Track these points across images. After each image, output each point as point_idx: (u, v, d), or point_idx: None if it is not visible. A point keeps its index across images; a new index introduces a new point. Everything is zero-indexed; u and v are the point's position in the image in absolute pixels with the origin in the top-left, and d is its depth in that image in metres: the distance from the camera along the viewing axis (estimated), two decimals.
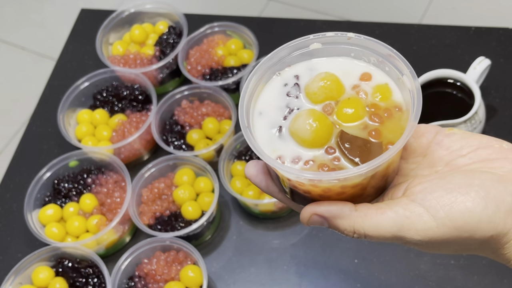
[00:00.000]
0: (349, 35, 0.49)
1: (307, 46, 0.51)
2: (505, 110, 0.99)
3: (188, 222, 0.92)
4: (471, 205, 0.42)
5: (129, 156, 1.05)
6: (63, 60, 1.25)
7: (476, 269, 0.86)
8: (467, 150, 0.46)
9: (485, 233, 0.42)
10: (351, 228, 0.44)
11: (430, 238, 0.42)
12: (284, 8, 1.95)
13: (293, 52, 0.51)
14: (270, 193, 0.50)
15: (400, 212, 0.43)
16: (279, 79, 0.51)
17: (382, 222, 0.43)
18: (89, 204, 0.96)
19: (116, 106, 1.09)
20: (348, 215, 0.44)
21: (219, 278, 0.92)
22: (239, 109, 0.47)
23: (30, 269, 0.90)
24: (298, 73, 0.51)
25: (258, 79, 0.50)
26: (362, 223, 0.43)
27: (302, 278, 0.90)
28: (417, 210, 0.42)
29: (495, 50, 1.06)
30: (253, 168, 0.49)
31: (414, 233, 0.42)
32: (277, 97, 0.50)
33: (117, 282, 0.87)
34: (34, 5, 2.18)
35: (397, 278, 0.87)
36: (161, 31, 1.17)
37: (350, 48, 0.51)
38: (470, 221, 0.42)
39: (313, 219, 0.45)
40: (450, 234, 0.42)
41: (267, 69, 0.50)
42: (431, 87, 0.93)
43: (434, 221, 0.42)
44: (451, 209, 0.42)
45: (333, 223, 0.44)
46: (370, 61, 0.51)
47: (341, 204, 0.44)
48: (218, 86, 1.05)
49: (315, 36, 0.50)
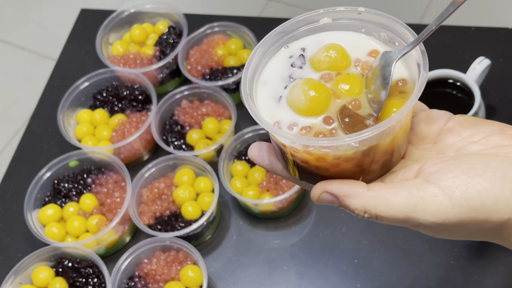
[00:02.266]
0: (359, 9, 0.49)
1: (317, 20, 0.50)
2: (505, 110, 0.99)
3: (188, 222, 0.92)
4: (488, 185, 0.40)
5: (129, 156, 1.05)
6: (63, 60, 1.25)
7: (476, 269, 0.86)
8: (479, 136, 0.45)
9: (502, 215, 0.41)
10: (362, 207, 0.42)
11: (444, 219, 0.41)
12: (284, 8, 1.95)
13: (302, 27, 0.50)
14: (274, 170, 0.49)
15: (414, 192, 0.41)
16: (286, 52, 0.50)
17: (395, 202, 0.41)
18: (89, 204, 0.96)
19: (116, 106, 1.09)
20: (360, 194, 0.42)
21: (219, 278, 0.92)
22: (242, 78, 0.47)
23: (30, 269, 0.90)
24: (304, 46, 0.50)
25: (264, 51, 0.50)
26: (374, 202, 0.42)
27: (302, 278, 0.90)
28: (432, 190, 0.41)
29: (495, 50, 1.06)
30: (255, 148, 0.49)
31: (428, 214, 0.41)
32: (282, 68, 0.50)
33: (117, 282, 0.87)
34: (34, 5, 2.18)
35: (397, 278, 0.87)
36: (161, 31, 1.17)
37: (360, 24, 0.50)
38: (487, 202, 0.40)
39: (323, 197, 0.44)
40: (466, 216, 0.41)
41: (274, 42, 0.50)
42: (431, 87, 0.93)
43: (449, 201, 0.40)
44: (468, 189, 0.40)
45: (344, 201, 0.43)
46: (381, 37, 0.50)
47: (354, 183, 0.43)
48: (218, 86, 1.05)
49: (325, 10, 0.50)
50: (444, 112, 0.48)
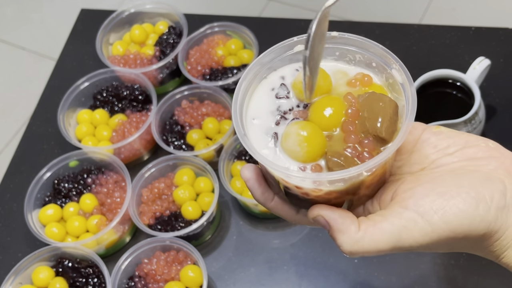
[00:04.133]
0: (332, 34, 0.49)
1: (292, 48, 0.51)
2: (505, 110, 0.99)
3: (188, 222, 0.92)
4: (463, 206, 0.42)
5: (129, 156, 1.05)
6: (63, 60, 1.25)
7: (476, 269, 0.86)
8: (453, 148, 0.47)
9: (478, 231, 0.43)
10: (349, 247, 0.44)
11: (427, 242, 0.43)
12: (284, 8, 1.95)
13: (278, 56, 0.51)
14: (263, 200, 0.49)
15: (396, 223, 0.43)
16: (267, 84, 0.50)
17: (379, 237, 0.43)
18: (89, 204, 0.96)
19: (116, 106, 1.09)
20: (350, 234, 0.44)
21: (219, 278, 0.92)
22: (233, 118, 0.46)
23: (30, 269, 0.90)
24: (283, 74, 0.51)
25: (247, 86, 0.49)
26: (363, 242, 0.44)
27: (302, 278, 0.90)
28: (412, 217, 0.43)
29: (495, 50, 1.06)
30: (249, 171, 0.49)
31: (412, 241, 0.43)
32: (267, 102, 0.49)
33: (117, 282, 0.87)
34: (34, 5, 2.18)
35: (397, 278, 0.87)
36: (161, 31, 1.17)
37: (334, 48, 0.50)
38: (463, 221, 0.42)
39: (318, 219, 0.46)
40: (446, 236, 0.43)
41: (254, 76, 0.50)
42: (431, 87, 0.93)
43: (429, 226, 0.43)
44: (445, 213, 0.42)
45: (334, 234, 0.45)
46: (356, 59, 0.50)
47: (349, 220, 0.45)
48: (218, 86, 1.05)
49: (298, 38, 0.50)
50: (419, 124, 0.49)
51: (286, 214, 0.50)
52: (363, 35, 0.50)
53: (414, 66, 1.09)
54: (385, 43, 0.50)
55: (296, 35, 0.53)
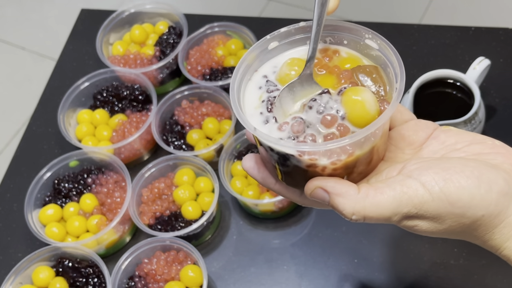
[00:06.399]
0: (300, 24, 0.52)
1: (266, 47, 0.53)
2: (505, 110, 0.99)
3: (188, 222, 0.92)
4: (464, 182, 0.44)
5: (129, 156, 1.05)
6: (63, 60, 1.25)
7: (476, 269, 0.86)
8: (461, 144, 0.49)
9: (477, 211, 0.44)
10: (351, 209, 0.45)
11: (425, 211, 0.44)
12: (284, 8, 1.95)
13: (256, 57, 0.53)
14: (266, 184, 0.52)
15: (398, 188, 0.44)
16: (253, 85, 0.53)
17: (382, 200, 0.44)
18: (89, 204, 0.96)
19: (116, 106, 1.09)
20: (351, 196, 0.45)
21: (219, 278, 0.92)
22: (238, 118, 0.48)
23: (30, 269, 0.90)
24: (265, 73, 0.53)
25: (238, 87, 0.52)
26: (363, 203, 0.44)
27: (302, 278, 0.90)
28: (414, 185, 0.44)
29: (495, 50, 1.06)
30: (249, 161, 0.51)
31: (411, 207, 0.44)
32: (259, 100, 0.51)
33: (117, 282, 0.87)
34: (34, 5, 2.18)
35: (397, 278, 0.87)
36: (161, 31, 1.17)
37: (305, 37, 0.53)
38: (463, 197, 0.43)
39: (316, 192, 0.47)
40: (444, 209, 0.44)
41: (240, 80, 0.52)
42: (431, 87, 0.93)
43: (429, 195, 0.44)
44: (446, 184, 0.43)
45: (334, 200, 0.46)
46: (327, 41, 0.53)
47: (347, 183, 0.46)
48: (218, 86, 1.05)
49: (271, 36, 0.53)
50: (432, 123, 0.52)
51: (291, 195, 0.51)
52: None
53: (414, 66, 1.09)
54: None
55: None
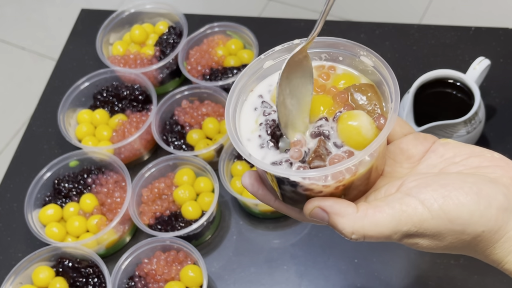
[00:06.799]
0: (295, 42, 0.52)
1: (261, 66, 0.53)
2: (505, 110, 0.99)
3: (188, 222, 0.92)
4: (463, 198, 0.43)
5: (129, 156, 1.05)
6: (63, 60, 1.25)
7: (476, 269, 0.86)
8: (460, 158, 0.48)
9: (477, 227, 0.43)
10: (350, 228, 0.44)
11: (425, 229, 0.44)
12: (284, 8, 1.95)
13: (251, 77, 0.53)
14: (266, 201, 0.51)
15: (397, 207, 0.44)
16: (249, 106, 0.52)
17: (381, 219, 0.44)
18: (89, 204, 0.96)
19: (116, 106, 1.09)
20: (349, 214, 0.45)
21: (219, 278, 0.92)
22: (233, 143, 0.48)
23: (30, 269, 0.90)
24: (260, 93, 0.53)
25: (234, 110, 0.51)
26: (362, 222, 0.44)
27: (302, 278, 0.90)
28: (413, 203, 0.44)
29: (495, 50, 1.06)
30: (249, 178, 0.51)
31: (411, 225, 0.44)
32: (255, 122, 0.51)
33: (117, 282, 0.87)
34: (34, 5, 2.18)
35: (397, 278, 0.87)
36: (161, 31, 1.17)
37: None
38: (462, 214, 0.43)
39: (315, 212, 0.46)
40: (444, 226, 0.43)
41: (236, 104, 0.52)
42: (431, 87, 0.93)
43: (429, 212, 0.43)
44: (445, 202, 0.43)
45: (333, 219, 0.45)
46: (322, 58, 0.53)
47: (345, 203, 0.46)
48: (218, 86, 1.05)
49: (265, 55, 0.53)
50: (431, 136, 0.51)
51: (290, 212, 0.51)
52: (363, 35, 0.51)
53: (414, 66, 1.09)
54: (385, 43, 0.50)
55: (296, 35, 0.54)
